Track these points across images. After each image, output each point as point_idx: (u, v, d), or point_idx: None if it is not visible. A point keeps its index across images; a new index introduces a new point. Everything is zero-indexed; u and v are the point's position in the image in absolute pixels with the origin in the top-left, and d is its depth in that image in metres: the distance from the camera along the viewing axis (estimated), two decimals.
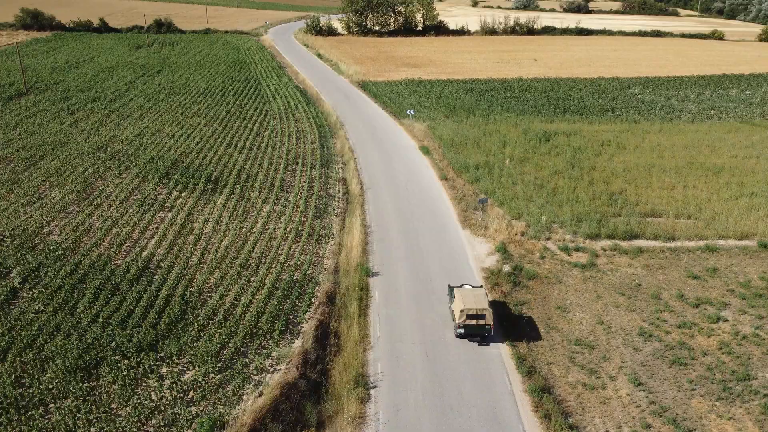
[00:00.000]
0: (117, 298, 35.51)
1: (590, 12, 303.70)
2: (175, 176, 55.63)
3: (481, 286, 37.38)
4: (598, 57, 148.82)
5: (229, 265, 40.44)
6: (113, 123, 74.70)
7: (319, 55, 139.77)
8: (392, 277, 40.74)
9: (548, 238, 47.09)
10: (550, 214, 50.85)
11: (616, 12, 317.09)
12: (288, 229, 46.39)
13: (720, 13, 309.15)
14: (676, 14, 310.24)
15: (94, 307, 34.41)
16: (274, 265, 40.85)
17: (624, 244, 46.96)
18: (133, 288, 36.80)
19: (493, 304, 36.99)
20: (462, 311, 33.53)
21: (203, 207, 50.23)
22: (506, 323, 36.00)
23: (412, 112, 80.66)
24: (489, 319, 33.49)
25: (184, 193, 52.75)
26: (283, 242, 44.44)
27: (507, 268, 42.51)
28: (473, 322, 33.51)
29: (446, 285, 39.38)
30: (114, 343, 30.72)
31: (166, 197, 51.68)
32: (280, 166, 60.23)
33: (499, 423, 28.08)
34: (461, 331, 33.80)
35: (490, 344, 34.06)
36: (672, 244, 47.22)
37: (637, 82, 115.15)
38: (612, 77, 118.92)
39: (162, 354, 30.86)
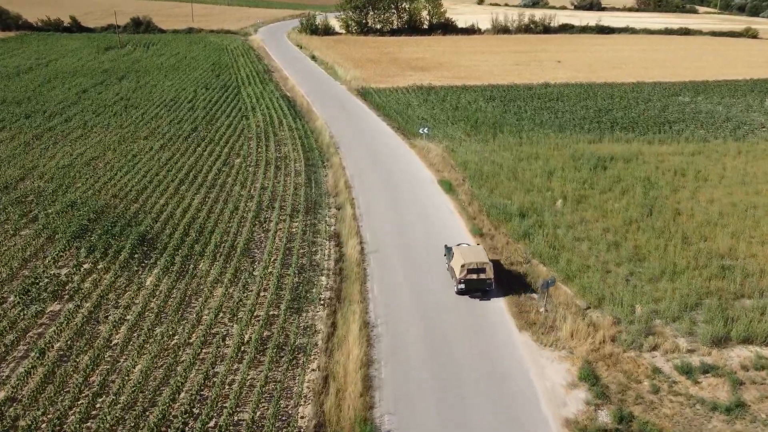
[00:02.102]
0: None
1: (603, 9, 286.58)
2: (94, 236, 38.62)
3: (478, 244, 38.22)
4: (627, 58, 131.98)
5: (133, 428, 23.42)
6: (40, 148, 57.65)
7: (313, 57, 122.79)
8: None
9: (654, 347, 30.06)
10: (645, 299, 33.89)
11: (630, 9, 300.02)
12: (246, 338, 29.40)
13: (741, 10, 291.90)
14: (695, 11, 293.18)
15: None
16: (212, 426, 23.86)
17: None
18: None
19: None
20: (462, 266, 33.31)
21: (122, 293, 33.21)
22: None
23: (426, 130, 63.60)
24: (489, 273, 33.53)
25: (99, 265, 35.75)
26: (234, 365, 27.47)
27: (605, 417, 25.45)
28: (474, 276, 33.40)
29: None
30: None
31: (72, 273, 34.66)
32: (249, 215, 43.19)
33: None
34: (462, 286, 33.69)
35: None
36: None
37: (684, 88, 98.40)
38: (652, 82, 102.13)
39: None
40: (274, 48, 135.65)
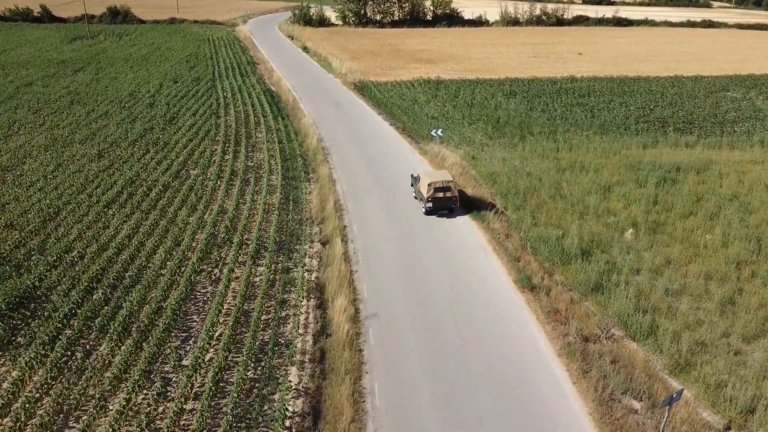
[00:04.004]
0: None
1: (611, 4, 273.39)
2: None
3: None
4: (654, 50, 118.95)
5: None
6: None
7: (305, 49, 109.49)
8: None
9: None
10: None
11: (641, 3, 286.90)
12: None
13: (757, 4, 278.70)
14: (709, 6, 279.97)
15: None
16: None
17: None
18: None
19: None
20: (429, 185, 35.28)
21: None
22: None
23: (439, 133, 50.42)
24: (454, 191, 35.87)
25: None
26: None
27: None
28: (440, 194, 35.48)
29: None
30: None
31: None
32: (193, 255, 29.94)
33: None
34: (430, 205, 35.72)
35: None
36: None
37: (730, 82, 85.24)
38: (692, 76, 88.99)
39: None
40: (263, 39, 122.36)
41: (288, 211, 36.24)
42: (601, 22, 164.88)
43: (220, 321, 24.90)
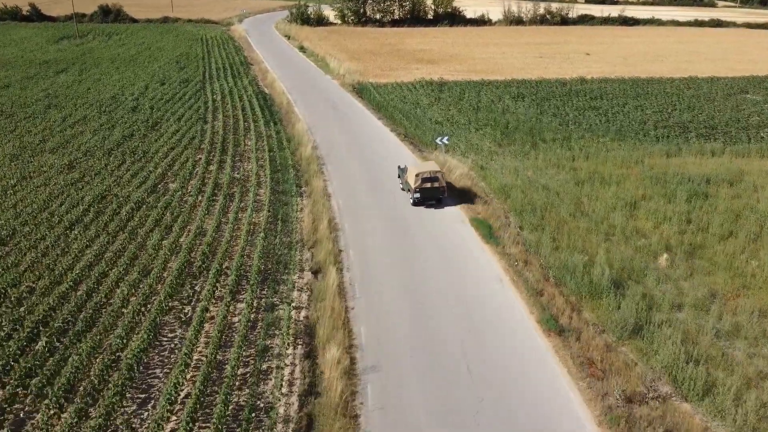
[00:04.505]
0: None
1: (616, 3, 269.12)
2: None
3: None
4: (663, 50, 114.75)
5: None
6: None
7: (302, 48, 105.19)
8: None
9: None
10: None
11: (644, 3, 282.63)
12: None
13: (763, 3, 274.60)
14: (713, 5, 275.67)
15: None
16: None
17: None
18: None
19: None
20: (417, 175, 34.83)
21: None
22: None
23: (445, 140, 46.14)
24: (442, 182, 35.47)
25: None
26: None
27: None
28: (428, 185, 34.95)
29: None
30: None
31: None
32: (163, 289, 25.63)
33: None
34: (417, 195, 35.16)
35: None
36: None
37: (747, 84, 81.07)
38: (708, 77, 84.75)
39: None
40: (258, 38, 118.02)
41: (276, 232, 31.95)
42: (607, 21, 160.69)
43: (187, 378, 20.64)
